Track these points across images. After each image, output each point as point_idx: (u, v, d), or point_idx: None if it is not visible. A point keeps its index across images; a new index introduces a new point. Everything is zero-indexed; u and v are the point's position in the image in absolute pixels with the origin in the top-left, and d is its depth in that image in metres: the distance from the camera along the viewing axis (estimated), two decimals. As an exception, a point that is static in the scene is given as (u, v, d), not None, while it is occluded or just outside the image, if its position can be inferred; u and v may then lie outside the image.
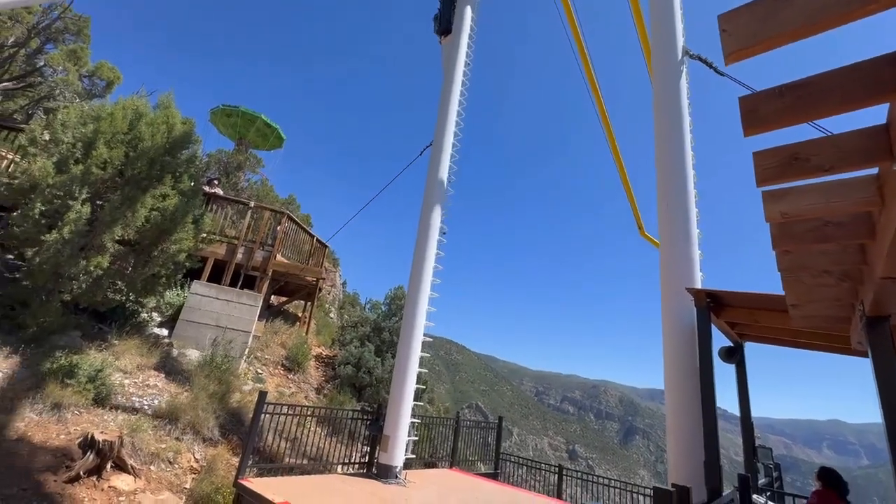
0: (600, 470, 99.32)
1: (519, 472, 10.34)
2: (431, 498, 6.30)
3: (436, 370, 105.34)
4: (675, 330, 4.49)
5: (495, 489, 7.62)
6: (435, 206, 8.61)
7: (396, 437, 7.14)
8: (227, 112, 25.15)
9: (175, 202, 7.07)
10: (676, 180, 5.13)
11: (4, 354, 5.72)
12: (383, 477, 6.84)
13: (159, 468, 5.59)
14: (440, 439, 9.41)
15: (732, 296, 3.85)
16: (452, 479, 7.85)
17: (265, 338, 10.32)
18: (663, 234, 5.11)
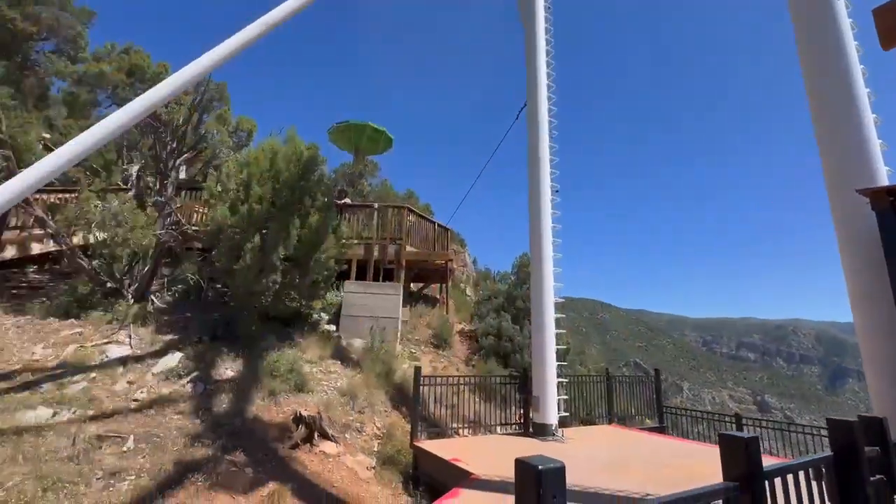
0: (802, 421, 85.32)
1: (696, 427, 9.63)
2: (588, 450, 6.37)
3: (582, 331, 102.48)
4: (852, 244, 3.71)
5: (660, 441, 7.31)
6: (541, 166, 8.39)
7: (545, 397, 7.33)
8: (340, 128, 27.83)
9: (316, 219, 8.29)
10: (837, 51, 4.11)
11: (232, 358, 7.54)
12: (540, 435, 7.13)
13: (352, 436, 6.78)
14: (595, 397, 9.34)
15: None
16: (612, 434, 7.77)
17: (412, 321, 11.45)
18: (821, 126, 4.17)
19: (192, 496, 4.65)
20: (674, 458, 5.98)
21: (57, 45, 15.18)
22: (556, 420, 7.29)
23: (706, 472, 4.97)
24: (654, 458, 5.99)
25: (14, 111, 9.88)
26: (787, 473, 1.68)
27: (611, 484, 4.55)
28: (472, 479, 4.77)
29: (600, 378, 9.47)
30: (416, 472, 6.17)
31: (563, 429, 7.44)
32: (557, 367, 7.69)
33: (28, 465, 4.51)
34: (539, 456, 1.07)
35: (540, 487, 1.00)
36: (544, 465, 1.01)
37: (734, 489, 1.46)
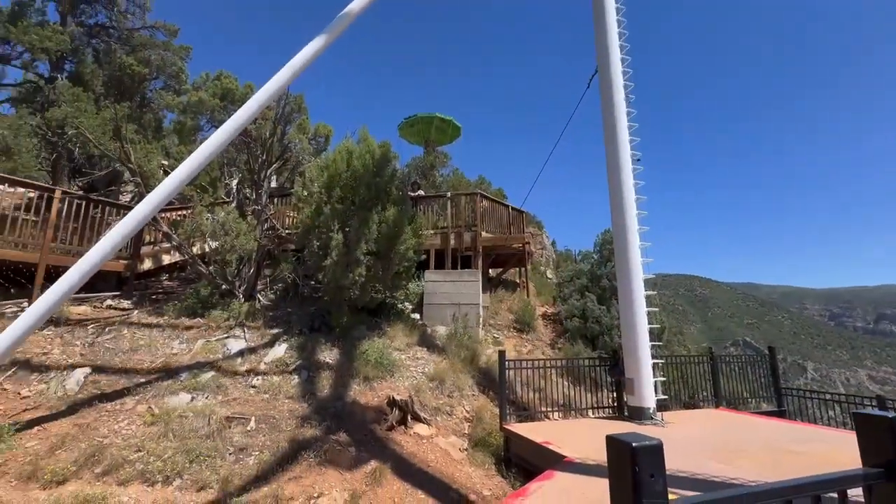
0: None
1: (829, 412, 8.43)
2: (692, 435, 5.91)
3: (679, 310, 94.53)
4: None
5: (779, 426, 6.55)
6: (618, 134, 7.82)
7: (640, 379, 6.92)
8: (409, 123, 28.50)
9: (393, 212, 8.61)
10: None
11: (328, 348, 8.19)
12: (637, 418, 6.76)
13: (442, 419, 7.02)
14: (698, 379, 8.61)
15: None
16: (720, 419, 7.13)
17: (493, 307, 11.46)
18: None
19: (306, 471, 5.17)
20: (797, 443, 5.32)
21: (164, 81, 17.45)
22: (654, 403, 6.85)
23: (841, 459, 4.36)
24: (773, 443, 5.38)
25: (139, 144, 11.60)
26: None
27: (723, 471, 4.18)
28: (566, 462, 4.68)
29: (703, 358, 8.70)
30: (507, 454, 6.22)
31: (663, 412, 6.98)
32: (652, 348, 7.20)
33: (177, 441, 5.33)
34: (632, 433, 1.01)
35: (635, 465, 0.94)
36: (639, 443, 0.95)
37: (877, 476, 1.25)
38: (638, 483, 0.95)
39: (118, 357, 7.25)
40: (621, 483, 0.98)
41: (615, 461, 1.00)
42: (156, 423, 5.65)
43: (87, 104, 12.94)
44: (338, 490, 4.92)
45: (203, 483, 4.82)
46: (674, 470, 4.16)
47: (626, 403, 7.15)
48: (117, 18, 17.18)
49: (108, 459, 4.97)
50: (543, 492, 3.90)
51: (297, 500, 4.71)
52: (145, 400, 6.20)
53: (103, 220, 9.59)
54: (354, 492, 4.93)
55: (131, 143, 10.71)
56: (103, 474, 4.82)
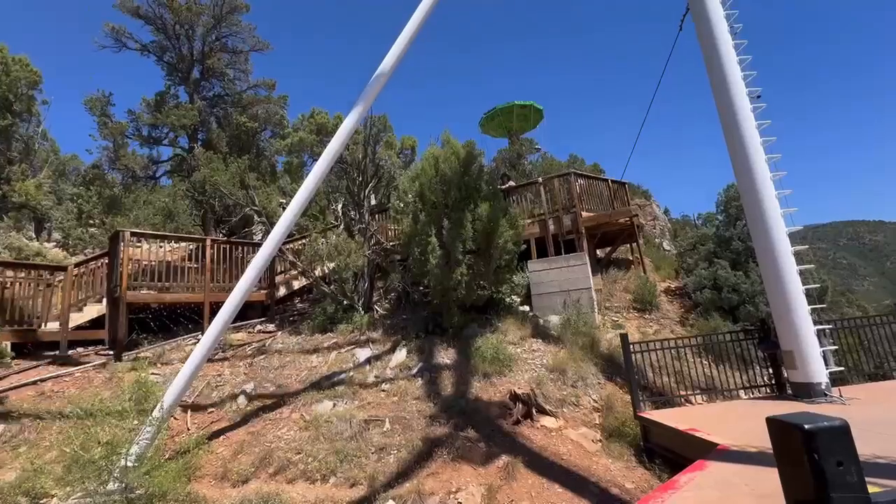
0: None
1: None
2: (888, 411, 4.79)
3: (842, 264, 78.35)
4: None
5: None
6: (728, 70, 6.75)
7: (801, 349, 5.85)
8: (489, 117, 28.33)
9: (485, 208, 8.59)
10: None
11: (444, 348, 8.45)
12: (805, 397, 5.74)
13: (569, 410, 6.76)
14: (885, 344, 7.01)
15: None
16: (926, 389, 5.70)
17: (606, 289, 10.76)
18: None
19: (441, 467, 5.38)
20: None
21: (271, 130, 19.88)
22: (826, 377, 5.73)
23: None
24: None
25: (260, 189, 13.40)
26: None
27: None
28: (720, 451, 4.14)
29: (887, 318, 7.06)
30: (646, 444, 5.74)
31: (840, 387, 5.81)
32: (814, 312, 6.05)
33: (327, 444, 5.96)
34: (803, 413, 0.81)
35: (813, 452, 0.75)
36: (814, 424, 0.76)
37: None
38: (821, 473, 0.76)
39: (272, 373, 8.38)
40: (796, 474, 0.80)
41: (782, 448, 0.82)
42: (308, 428, 6.39)
43: (218, 163, 15.35)
44: (474, 485, 5.02)
45: (354, 480, 5.31)
46: (868, 456, 3.42)
47: (787, 380, 6.13)
48: (228, 86, 20.07)
49: (277, 461, 5.75)
50: (697, 484, 3.49)
51: (437, 494, 4.92)
52: (297, 409, 7.05)
53: (243, 258, 11.23)
54: (490, 486, 4.98)
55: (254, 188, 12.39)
56: (275, 474, 5.59)
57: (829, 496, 0.73)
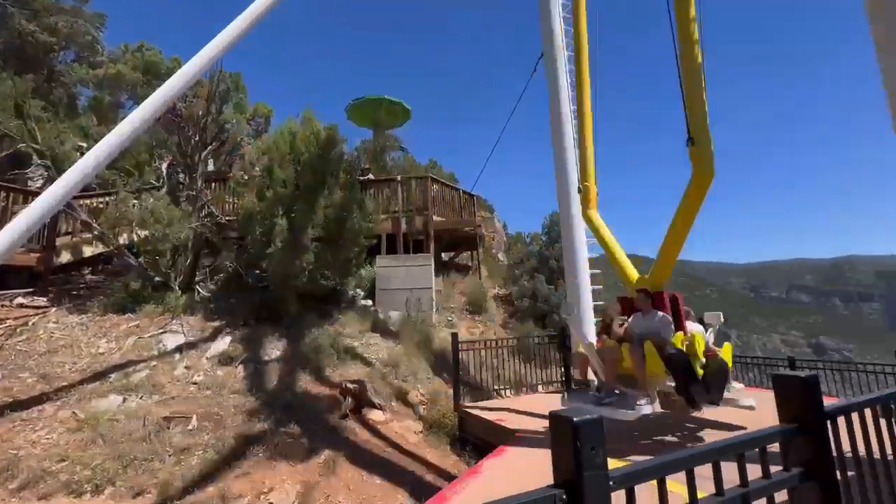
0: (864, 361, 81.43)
1: (748, 374, 9.37)
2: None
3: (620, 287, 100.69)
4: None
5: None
6: (563, 118, 8.01)
7: (586, 354, 7.27)
8: (357, 105, 27.51)
9: (341, 196, 8.34)
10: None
11: (277, 338, 7.88)
12: (583, 391, 7.12)
13: (397, 404, 7.01)
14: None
15: None
16: (657, 386, 7.66)
17: (446, 290, 11.53)
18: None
19: (255, 466, 4.98)
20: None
21: (77, 52, 15.59)
22: (598, 376, 7.24)
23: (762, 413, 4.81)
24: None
25: (47, 123, 10.34)
26: (851, 412, 1.56)
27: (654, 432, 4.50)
28: (518, 437, 4.84)
29: (641, 331, 9.28)
30: (462, 434, 6.34)
31: (606, 384, 7.39)
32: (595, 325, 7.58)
33: (107, 447, 4.93)
34: (574, 408, 1.01)
35: (577, 439, 0.94)
36: (580, 417, 0.95)
37: (792, 432, 1.36)
38: (579, 456, 0.96)
39: (33, 361, 6.55)
40: (563, 457, 0.99)
41: (558, 437, 1.00)
42: (82, 429, 5.19)
43: (-21, 75, 11.31)
44: (289, 483, 4.79)
45: (139, 488, 4.51)
46: (614, 437, 4.42)
47: (572, 378, 7.50)
48: (13, -23, 15.02)
49: (26, 472, 4.51)
50: (495, 468, 4.01)
51: (245, 496, 4.53)
52: (68, 405, 5.66)
53: (7, 208, 8.53)
54: (307, 483, 4.82)
55: (37, 121, 9.52)
56: (19, 489, 4.37)
57: (582, 474, 0.93)
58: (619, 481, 1.02)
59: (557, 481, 0.98)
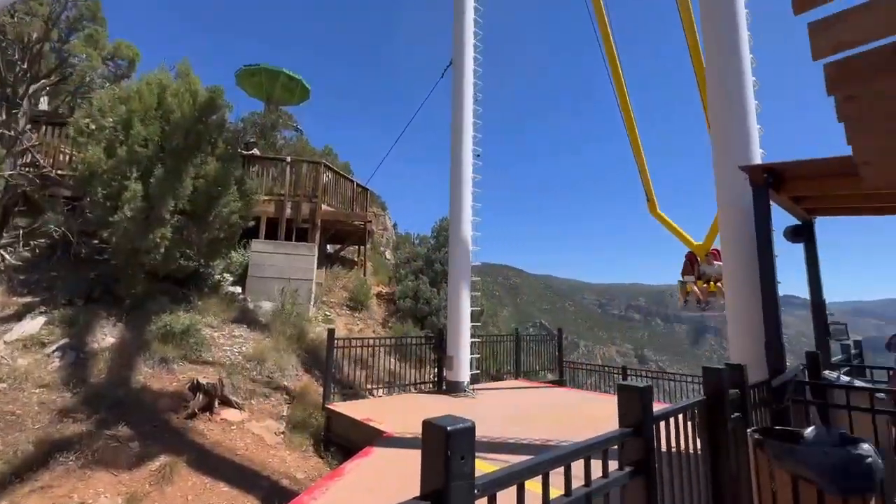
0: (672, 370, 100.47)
1: (589, 379, 10.83)
2: (497, 404, 6.79)
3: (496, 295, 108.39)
4: (731, 213, 4.18)
5: (560, 393, 8.03)
6: (464, 130, 8.29)
7: (459, 356, 7.58)
8: (250, 72, 24.93)
9: (215, 168, 7.38)
10: (728, 41, 4.46)
11: (112, 323, 6.63)
12: (453, 392, 7.40)
13: (258, 402, 6.43)
14: (504, 355, 9.92)
15: (794, 167, 3.45)
16: (518, 389, 8.34)
17: (327, 283, 11.02)
18: (713, 108, 4.57)
19: (59, 477, 4.07)
20: (573, 406, 6.61)
21: None
22: (469, 377, 7.61)
23: (600, 415, 5.54)
24: (557, 407, 6.57)
25: None
26: (671, 417, 1.85)
27: (520, 433, 4.87)
28: (385, 437, 4.80)
29: (510, 338, 10.04)
30: (327, 434, 6.07)
31: (474, 385, 7.81)
32: (472, 328, 7.97)
33: None
34: (448, 416, 0.99)
35: (448, 448, 0.92)
36: (453, 426, 0.93)
37: (629, 434, 1.55)
38: (449, 465, 0.94)
39: None
40: (434, 465, 0.96)
41: (430, 444, 0.97)
42: None
43: None
44: (108, 495, 4.03)
45: None
46: (480, 436, 4.66)
47: (445, 378, 7.76)
48: None
49: None
50: (360, 470, 3.90)
51: (42, 515, 3.68)
52: None
53: None
54: (133, 494, 4.11)
55: None
56: None
57: (450, 484, 0.91)
58: (483, 489, 1.03)
59: (425, 492, 0.95)
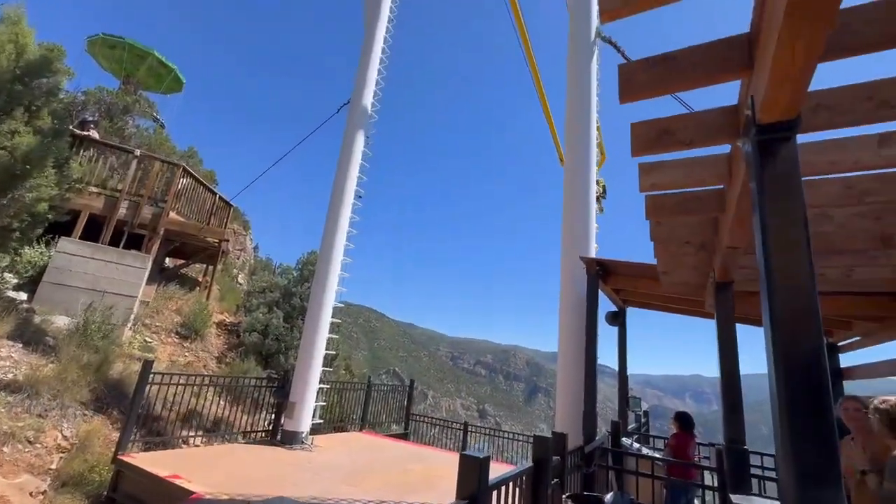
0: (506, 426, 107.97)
1: (431, 432, 10.87)
2: (335, 459, 6.33)
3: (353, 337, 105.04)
4: (570, 295, 4.87)
5: (401, 447, 7.88)
6: (351, 168, 8.25)
7: (303, 403, 6.99)
8: (109, 43, 21.46)
9: (29, 141, 5.91)
10: (580, 157, 5.44)
11: None
12: (288, 443, 6.71)
13: (15, 449, 4.88)
14: (352, 404, 9.43)
15: (617, 264, 4.24)
16: (360, 441, 7.95)
17: (156, 303, 9.34)
18: (566, 209, 5.42)
19: None
20: (413, 462, 6.51)
21: None
22: (309, 427, 7.01)
23: (440, 474, 5.55)
24: (396, 463, 6.38)
25: None
26: (503, 485, 1.95)
27: (351, 493, 4.56)
28: (193, 499, 4.03)
29: (361, 386, 9.68)
30: (111, 493, 4.85)
31: (314, 436, 7.20)
32: (322, 373, 7.48)
33: None
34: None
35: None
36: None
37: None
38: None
39: None
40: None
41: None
42: None
43: None
44: None
45: None
46: (311, 496, 4.25)
47: (282, 427, 7.01)
48: None
49: None
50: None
51: None
52: None
53: None
54: None
55: None
56: None
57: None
58: None
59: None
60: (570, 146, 5.65)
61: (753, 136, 1.31)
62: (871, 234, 2.42)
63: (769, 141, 1.29)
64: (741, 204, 1.77)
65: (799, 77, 1.09)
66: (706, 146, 1.72)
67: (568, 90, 5.99)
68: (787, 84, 1.11)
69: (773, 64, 1.05)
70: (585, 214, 5.26)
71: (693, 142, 1.67)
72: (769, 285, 1.23)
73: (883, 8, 1.20)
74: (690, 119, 1.67)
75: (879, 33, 1.18)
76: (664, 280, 3.52)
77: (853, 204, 2.05)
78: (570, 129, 5.69)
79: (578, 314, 4.62)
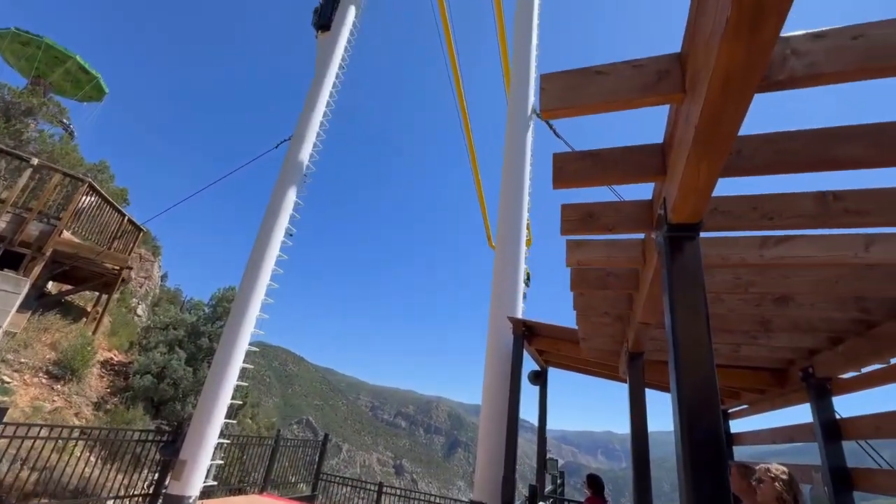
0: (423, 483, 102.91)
1: (342, 492, 9.90)
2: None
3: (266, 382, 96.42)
4: (496, 353, 4.93)
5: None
6: (285, 204, 7.97)
7: (196, 461, 6.14)
8: (22, 39, 19.59)
9: None
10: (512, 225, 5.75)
11: None
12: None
13: None
14: (255, 461, 8.45)
15: (542, 327, 4.41)
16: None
17: (26, 335, 7.95)
18: (496, 272, 5.63)
19: None
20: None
21: None
22: (199, 490, 6.13)
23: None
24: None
25: None
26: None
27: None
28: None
29: (268, 441, 8.76)
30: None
31: (205, 501, 6.29)
32: (224, 425, 6.69)
33: None
34: None
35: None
36: None
37: None
38: None
39: None
40: None
41: None
42: None
43: None
44: None
45: None
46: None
47: (165, 491, 6.05)
48: None
49: None
50: None
51: None
52: None
53: None
54: None
55: None
56: None
57: None
58: None
59: None
60: (503, 222, 5.96)
61: (665, 231, 1.48)
62: (754, 318, 2.78)
63: (678, 237, 1.46)
64: (653, 285, 1.95)
65: (703, 189, 1.28)
66: (625, 232, 1.91)
67: (504, 171, 6.39)
68: (693, 194, 1.30)
69: (683, 178, 1.23)
70: (515, 279, 5.49)
71: (614, 227, 1.85)
72: (676, 357, 1.34)
73: (763, 139, 1.47)
74: (613, 207, 1.86)
75: (763, 160, 1.43)
76: (583, 345, 3.70)
77: (740, 292, 2.37)
78: (506, 196, 6.03)
79: (503, 372, 4.66)
